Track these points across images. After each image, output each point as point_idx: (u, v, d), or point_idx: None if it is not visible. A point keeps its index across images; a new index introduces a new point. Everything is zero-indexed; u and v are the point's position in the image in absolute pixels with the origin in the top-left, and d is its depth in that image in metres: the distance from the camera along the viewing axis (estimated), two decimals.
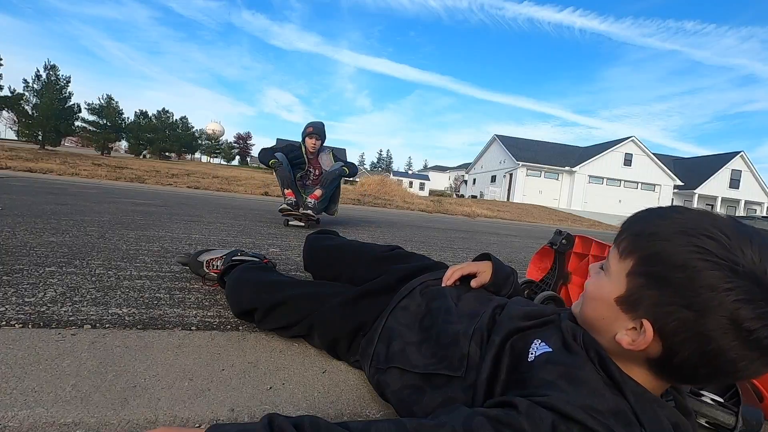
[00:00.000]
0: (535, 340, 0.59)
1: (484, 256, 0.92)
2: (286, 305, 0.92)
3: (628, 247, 0.51)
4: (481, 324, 0.66)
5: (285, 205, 3.09)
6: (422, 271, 0.93)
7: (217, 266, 1.30)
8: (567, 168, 27.64)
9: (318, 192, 3.16)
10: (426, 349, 0.69)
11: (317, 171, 3.40)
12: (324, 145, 3.45)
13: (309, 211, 3.06)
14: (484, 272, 0.88)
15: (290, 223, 3.21)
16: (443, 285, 0.85)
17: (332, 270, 1.15)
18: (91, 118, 28.56)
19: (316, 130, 3.32)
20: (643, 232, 0.50)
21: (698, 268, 0.44)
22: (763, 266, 0.42)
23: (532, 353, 0.57)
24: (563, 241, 1.36)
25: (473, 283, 0.88)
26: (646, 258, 0.48)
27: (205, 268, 1.33)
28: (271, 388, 0.76)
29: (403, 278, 0.91)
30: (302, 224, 3.19)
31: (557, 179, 28.35)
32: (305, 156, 3.36)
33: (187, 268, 1.49)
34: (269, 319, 0.94)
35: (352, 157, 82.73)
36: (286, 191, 3.17)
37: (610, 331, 0.52)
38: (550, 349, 0.56)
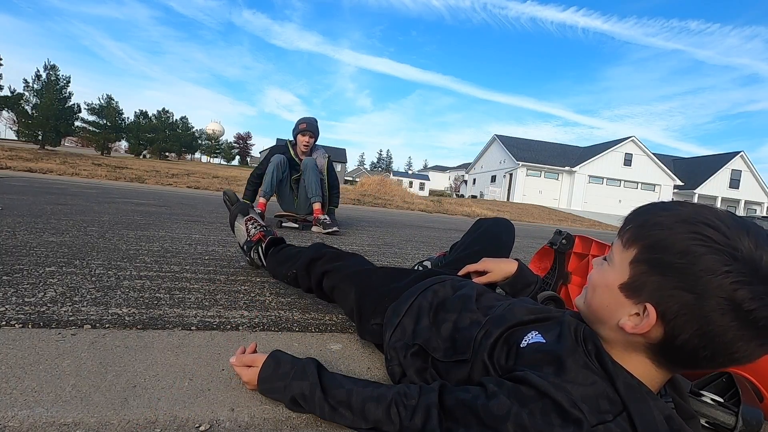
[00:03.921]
0: (532, 331, 0.62)
1: (515, 260, 1.00)
2: (339, 254, 1.11)
3: (632, 237, 0.53)
4: (493, 316, 0.70)
5: (283, 212, 3.09)
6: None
7: (256, 227, 1.48)
8: (567, 168, 27.63)
9: (317, 206, 3.04)
10: (444, 330, 0.73)
11: None
12: (317, 143, 3.28)
13: (335, 228, 2.94)
14: (493, 272, 0.96)
15: (283, 224, 3.13)
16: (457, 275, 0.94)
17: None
18: (91, 118, 28.52)
19: (309, 127, 3.11)
20: (646, 223, 0.52)
21: (698, 253, 0.45)
22: (760, 253, 0.44)
23: (525, 341, 0.60)
24: (563, 241, 1.36)
25: (474, 278, 0.94)
26: (649, 246, 0.50)
27: (244, 219, 1.49)
28: None
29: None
30: (296, 226, 3.10)
31: (557, 179, 28.34)
32: (296, 157, 3.17)
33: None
34: (324, 261, 1.09)
35: (352, 157, 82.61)
36: (260, 200, 3.12)
37: (613, 318, 0.54)
38: (544, 341, 0.59)
